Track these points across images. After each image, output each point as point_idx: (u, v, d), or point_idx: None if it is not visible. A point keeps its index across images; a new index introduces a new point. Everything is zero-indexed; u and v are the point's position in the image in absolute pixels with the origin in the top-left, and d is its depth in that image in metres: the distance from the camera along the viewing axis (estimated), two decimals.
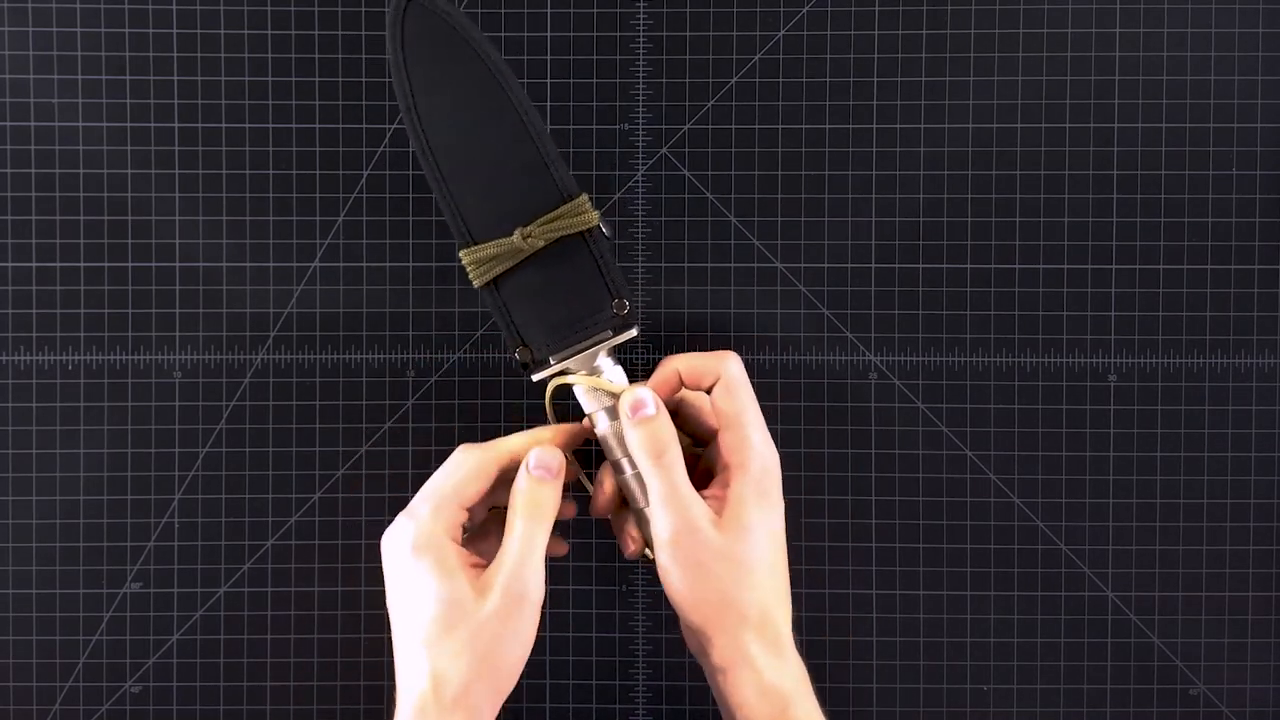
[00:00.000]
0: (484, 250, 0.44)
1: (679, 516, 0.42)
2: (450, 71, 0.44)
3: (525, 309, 0.45)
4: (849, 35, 0.51)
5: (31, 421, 0.51)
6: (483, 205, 0.44)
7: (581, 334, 0.45)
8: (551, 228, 0.44)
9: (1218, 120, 0.51)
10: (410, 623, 0.42)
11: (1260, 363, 0.51)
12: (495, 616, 0.41)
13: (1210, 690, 0.51)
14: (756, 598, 0.43)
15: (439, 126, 0.44)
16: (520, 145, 0.44)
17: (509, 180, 0.44)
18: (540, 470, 0.44)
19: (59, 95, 0.51)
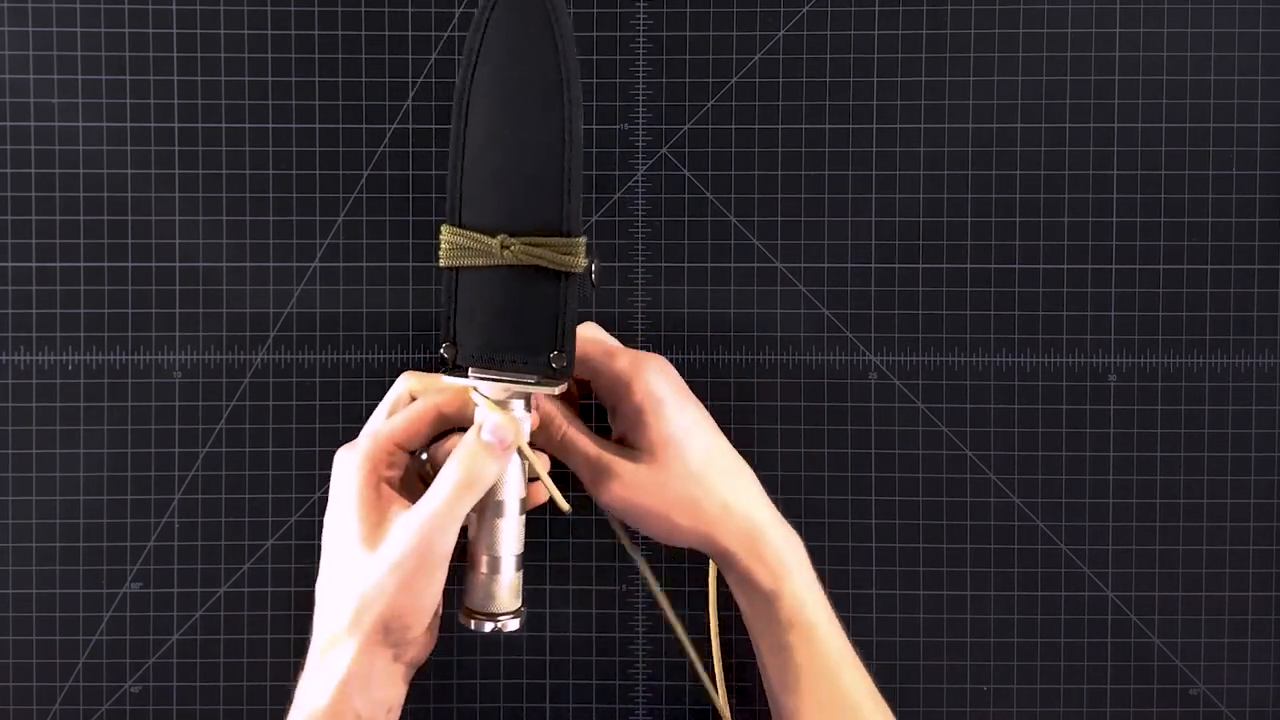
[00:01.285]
0: (461, 237, 0.42)
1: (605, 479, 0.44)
2: (524, 56, 0.41)
3: (471, 314, 0.43)
4: (849, 35, 0.51)
5: (31, 421, 0.51)
6: (485, 193, 0.42)
7: (509, 365, 0.43)
8: (534, 253, 0.41)
9: (1218, 120, 0.51)
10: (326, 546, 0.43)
11: (1260, 363, 0.51)
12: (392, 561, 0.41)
13: (1210, 690, 0.51)
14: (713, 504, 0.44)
15: (485, 100, 0.42)
16: (550, 160, 0.41)
17: (522, 182, 0.42)
18: (491, 438, 0.42)
19: (59, 95, 0.51)
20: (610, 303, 0.51)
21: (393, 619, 0.41)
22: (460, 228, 0.42)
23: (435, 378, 0.46)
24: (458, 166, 0.42)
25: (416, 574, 0.41)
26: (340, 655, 0.41)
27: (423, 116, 0.51)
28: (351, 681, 0.41)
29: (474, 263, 0.42)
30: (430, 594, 0.42)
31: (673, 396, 0.45)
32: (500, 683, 0.52)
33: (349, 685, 0.41)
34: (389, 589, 0.41)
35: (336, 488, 0.44)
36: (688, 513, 0.44)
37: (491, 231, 0.42)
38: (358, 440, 0.45)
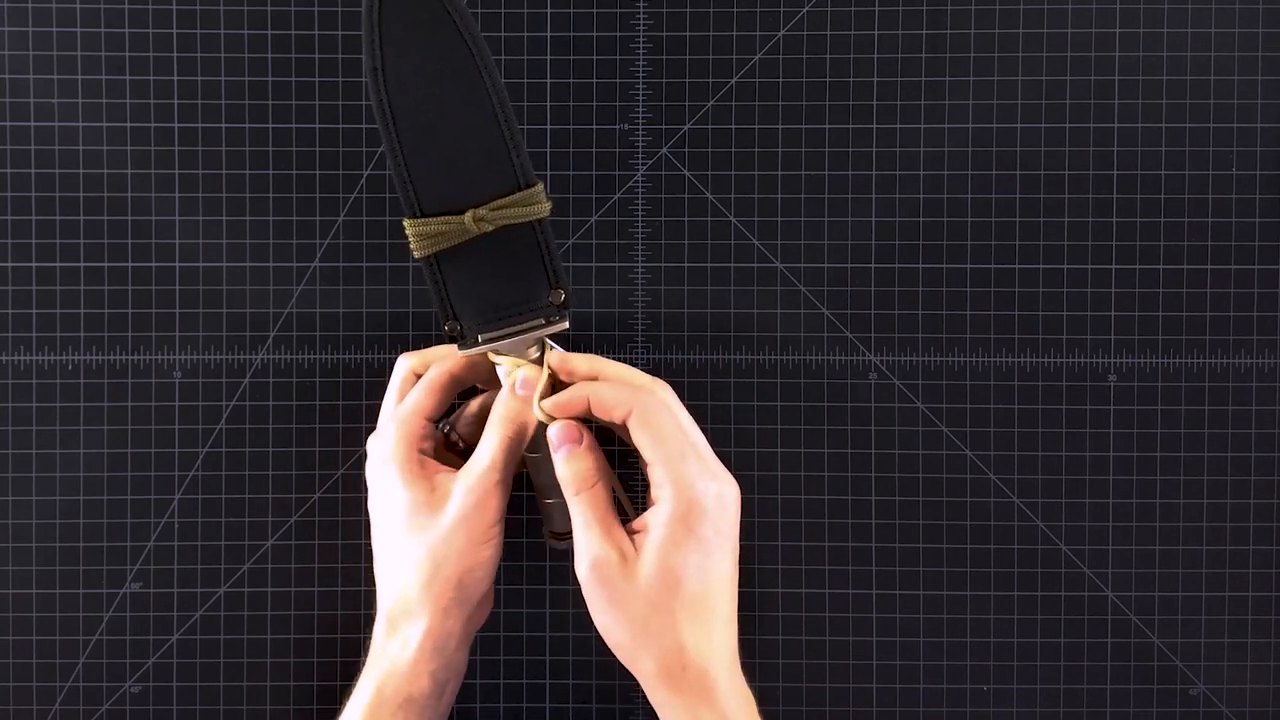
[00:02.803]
0: (431, 225, 0.43)
1: (594, 552, 0.42)
2: (425, 37, 0.42)
3: (462, 286, 0.44)
4: (849, 35, 0.51)
5: (31, 421, 0.51)
6: (436, 178, 0.43)
7: (514, 318, 0.44)
8: (504, 214, 0.43)
9: (1218, 120, 0.51)
10: (380, 529, 0.45)
11: (1260, 363, 0.51)
12: (453, 523, 0.43)
13: (1210, 690, 0.51)
14: (670, 642, 0.41)
15: (404, 91, 0.42)
16: (485, 124, 0.43)
17: (468, 158, 0.43)
18: (524, 390, 0.45)
19: (59, 95, 0.51)
20: (610, 303, 0.51)
21: (465, 574, 0.43)
22: (424, 217, 0.43)
23: (431, 350, 0.48)
24: (400, 164, 0.43)
25: (482, 527, 0.43)
26: (416, 620, 0.43)
27: None
28: (427, 643, 0.43)
29: (450, 244, 0.43)
30: (495, 546, 0.44)
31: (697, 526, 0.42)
32: (500, 683, 0.52)
33: (425, 647, 0.43)
34: (459, 546, 0.43)
35: (379, 472, 0.45)
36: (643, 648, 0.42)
37: (457, 210, 0.43)
38: (383, 427, 0.46)
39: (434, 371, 0.46)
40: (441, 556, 0.43)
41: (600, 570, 0.42)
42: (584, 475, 0.43)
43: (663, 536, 0.41)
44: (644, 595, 0.41)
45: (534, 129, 0.51)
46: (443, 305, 0.45)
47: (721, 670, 0.42)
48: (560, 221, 0.51)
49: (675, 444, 0.42)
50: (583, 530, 0.43)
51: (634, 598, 0.41)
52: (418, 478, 0.44)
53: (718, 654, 0.42)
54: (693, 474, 0.42)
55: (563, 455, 0.44)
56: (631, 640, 0.42)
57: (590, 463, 0.44)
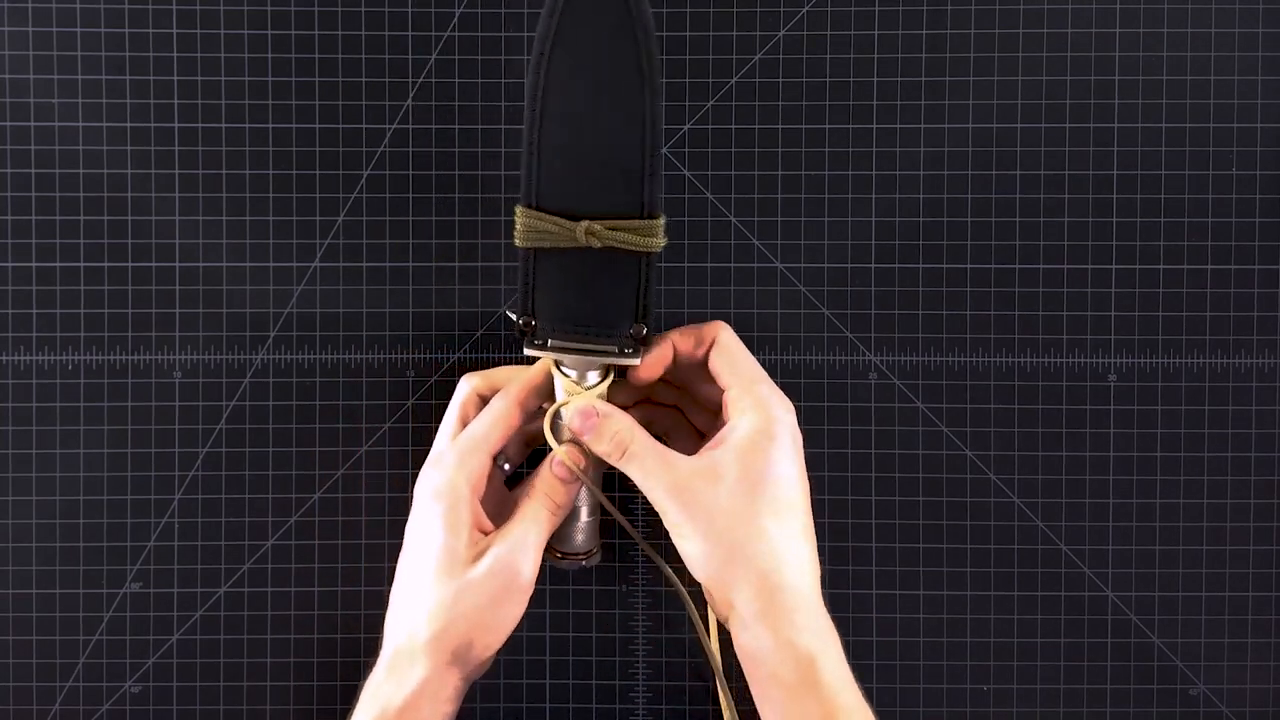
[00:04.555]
0: (543, 220, 0.42)
1: (669, 482, 0.42)
2: (602, 38, 0.41)
3: (551, 288, 0.44)
4: (849, 35, 0.51)
5: (31, 421, 0.51)
6: (563, 177, 0.42)
7: (591, 337, 0.44)
8: (617, 237, 0.42)
9: (1218, 120, 0.51)
10: (410, 564, 0.44)
11: (1260, 363, 0.51)
12: (480, 585, 0.42)
13: (1210, 690, 0.51)
14: (767, 551, 0.41)
15: (562, 82, 0.41)
16: (631, 142, 0.42)
17: (602, 168, 0.42)
18: (562, 470, 0.45)
19: (59, 95, 0.51)
20: None
21: (480, 636, 0.43)
22: (538, 210, 0.42)
23: (496, 371, 0.47)
24: (532, 151, 0.42)
25: (509, 595, 0.43)
26: (417, 666, 0.42)
27: (423, 116, 0.51)
28: (424, 691, 0.42)
29: (552, 244, 0.43)
30: (512, 619, 0.43)
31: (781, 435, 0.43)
32: (500, 683, 0.52)
33: (421, 694, 0.42)
34: (480, 606, 0.42)
35: (428, 505, 0.44)
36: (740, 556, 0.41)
37: (572, 215, 0.42)
38: (442, 456, 0.45)
39: (501, 403, 0.45)
40: (459, 612, 0.42)
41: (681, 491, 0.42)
42: (621, 435, 0.43)
43: (744, 445, 0.42)
44: (729, 504, 0.42)
45: None
46: (525, 299, 0.44)
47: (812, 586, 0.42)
48: None
49: (753, 369, 0.45)
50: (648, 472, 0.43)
51: (719, 509, 0.42)
52: (463, 525, 0.43)
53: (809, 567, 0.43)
54: (768, 394, 0.44)
55: (592, 432, 0.44)
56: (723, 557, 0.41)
57: (623, 421, 0.44)
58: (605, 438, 0.44)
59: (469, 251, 0.51)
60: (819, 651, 0.41)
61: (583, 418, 0.44)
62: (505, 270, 0.51)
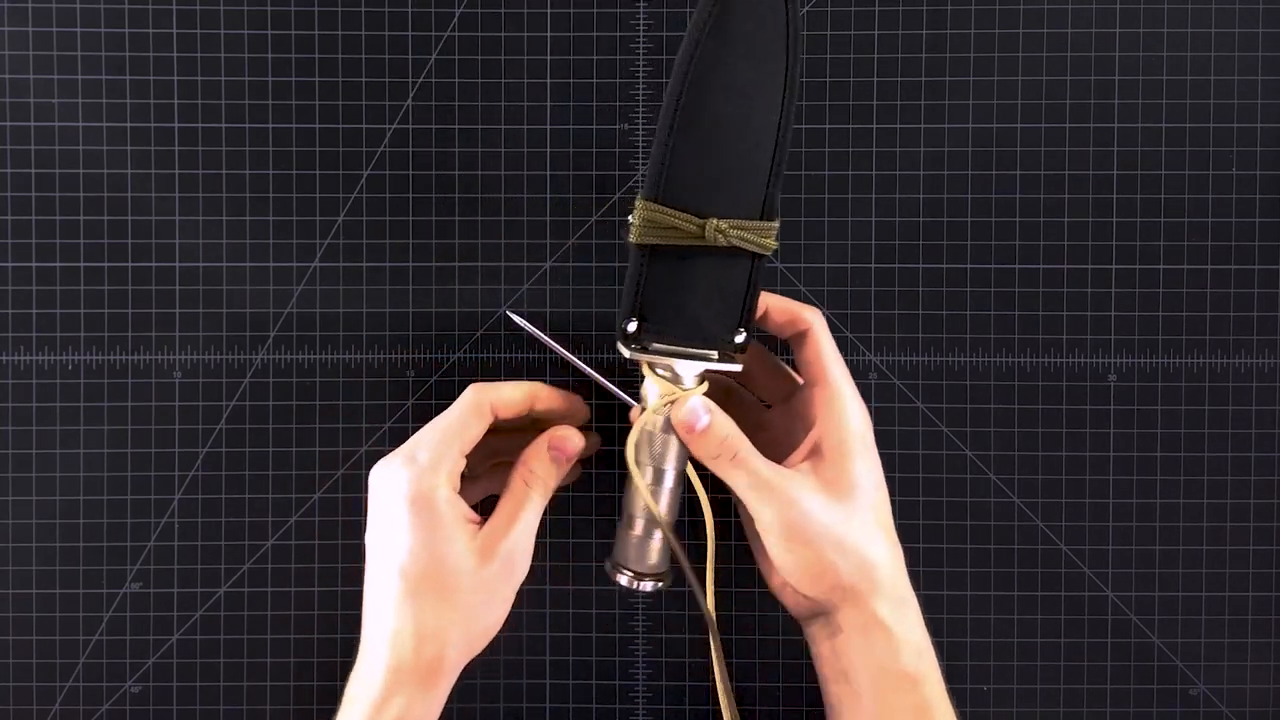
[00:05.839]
0: (668, 215, 0.41)
1: (781, 501, 0.42)
2: (752, 40, 0.41)
3: (661, 289, 0.43)
4: (849, 35, 0.51)
5: (31, 421, 0.51)
6: (692, 173, 0.41)
7: (693, 342, 0.43)
8: (742, 236, 0.42)
9: (1218, 120, 0.51)
10: (396, 574, 0.42)
11: (1260, 363, 0.51)
12: (490, 582, 0.42)
13: (1210, 690, 0.51)
14: (879, 556, 0.42)
15: (705, 76, 0.41)
16: (763, 145, 0.41)
17: (732, 168, 0.42)
18: (557, 452, 0.44)
19: (59, 95, 0.51)
20: (611, 303, 0.51)
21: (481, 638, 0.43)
22: (661, 205, 0.42)
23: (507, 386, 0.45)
24: (664, 144, 0.41)
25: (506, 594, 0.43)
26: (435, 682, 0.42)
27: (423, 116, 0.51)
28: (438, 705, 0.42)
29: (672, 241, 0.42)
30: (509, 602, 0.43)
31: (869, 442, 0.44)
32: (500, 683, 0.52)
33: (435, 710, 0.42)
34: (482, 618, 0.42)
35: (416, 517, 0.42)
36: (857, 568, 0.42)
37: (696, 212, 0.41)
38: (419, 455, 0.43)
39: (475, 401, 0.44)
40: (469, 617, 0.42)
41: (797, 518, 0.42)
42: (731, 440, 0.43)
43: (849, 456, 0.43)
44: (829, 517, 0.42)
45: (534, 129, 0.51)
46: (633, 300, 0.43)
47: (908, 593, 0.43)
48: (560, 221, 0.51)
49: (842, 370, 0.45)
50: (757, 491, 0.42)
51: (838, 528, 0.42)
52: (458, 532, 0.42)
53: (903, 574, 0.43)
54: (854, 401, 0.44)
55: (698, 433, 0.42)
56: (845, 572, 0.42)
57: (731, 426, 0.43)
58: (714, 440, 0.42)
59: (469, 251, 0.51)
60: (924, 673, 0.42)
61: (693, 416, 0.43)
62: (505, 270, 0.51)
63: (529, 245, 0.51)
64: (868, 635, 0.42)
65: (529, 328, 0.49)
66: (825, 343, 0.45)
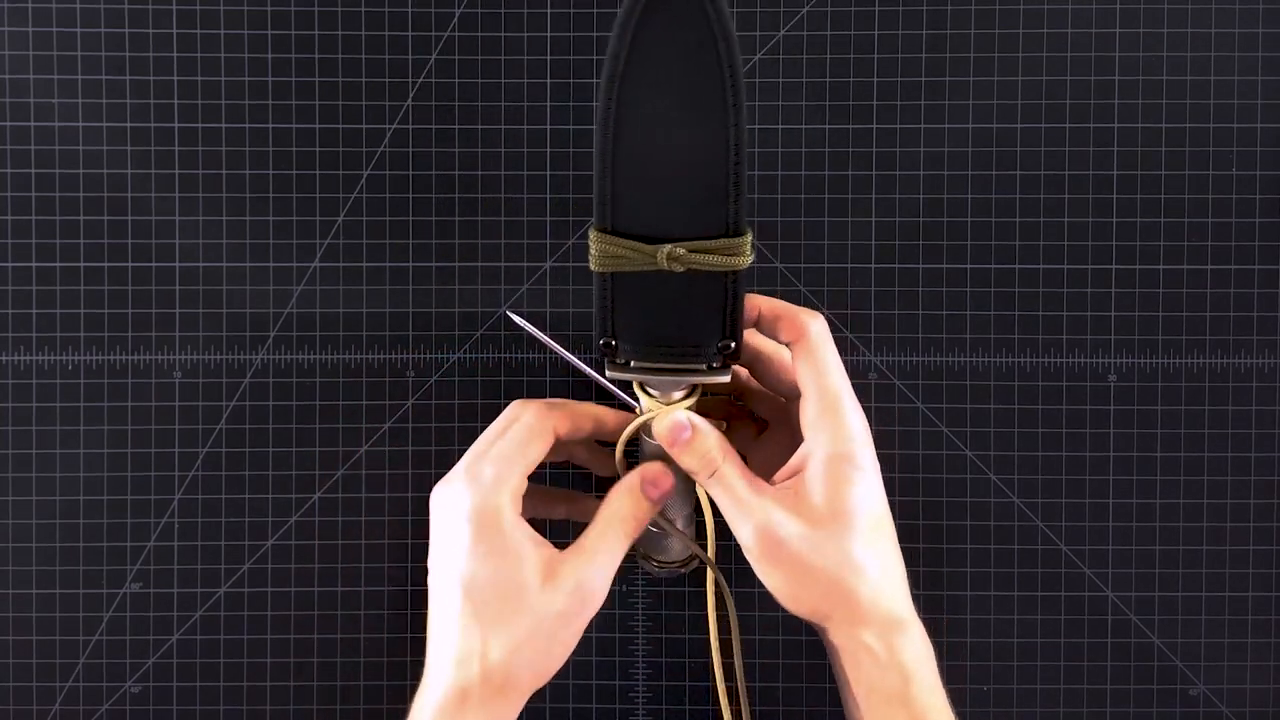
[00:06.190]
0: (618, 246, 0.39)
1: (756, 522, 0.41)
2: (680, 56, 0.37)
3: (631, 310, 0.41)
4: (849, 35, 0.51)
5: (31, 421, 0.51)
6: (640, 199, 0.39)
7: (677, 358, 0.42)
8: (700, 260, 0.39)
9: (1218, 120, 0.51)
10: (459, 593, 0.40)
11: (1260, 363, 0.51)
12: (561, 612, 0.40)
13: (1210, 690, 0.51)
14: (862, 581, 0.40)
15: (636, 99, 0.38)
16: (714, 160, 0.39)
17: (682, 189, 0.39)
18: (652, 489, 0.43)
19: (59, 95, 0.51)
20: None
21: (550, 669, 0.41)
22: (614, 234, 0.40)
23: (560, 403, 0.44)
24: (605, 173, 0.39)
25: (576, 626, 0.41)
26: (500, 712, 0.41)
27: (423, 116, 0.51)
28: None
29: (631, 269, 0.40)
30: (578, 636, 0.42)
31: (864, 460, 0.42)
32: None
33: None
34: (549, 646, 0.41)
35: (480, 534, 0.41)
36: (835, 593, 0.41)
37: (651, 239, 0.39)
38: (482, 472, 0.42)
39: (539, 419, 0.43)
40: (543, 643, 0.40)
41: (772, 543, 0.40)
42: (712, 454, 0.42)
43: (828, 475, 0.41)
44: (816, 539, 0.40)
45: (534, 129, 0.51)
46: (604, 323, 0.42)
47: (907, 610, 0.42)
48: (560, 222, 0.51)
49: (838, 380, 0.42)
50: (736, 510, 0.41)
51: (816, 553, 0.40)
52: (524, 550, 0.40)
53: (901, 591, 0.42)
54: (850, 414, 0.42)
55: (681, 446, 0.42)
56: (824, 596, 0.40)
57: (713, 440, 0.42)
58: (696, 453, 0.42)
59: (469, 251, 0.51)
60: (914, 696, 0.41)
61: (675, 431, 0.42)
62: (505, 270, 0.51)
63: (529, 245, 0.51)
64: (853, 656, 0.41)
65: (529, 328, 0.49)
66: (822, 351, 0.42)
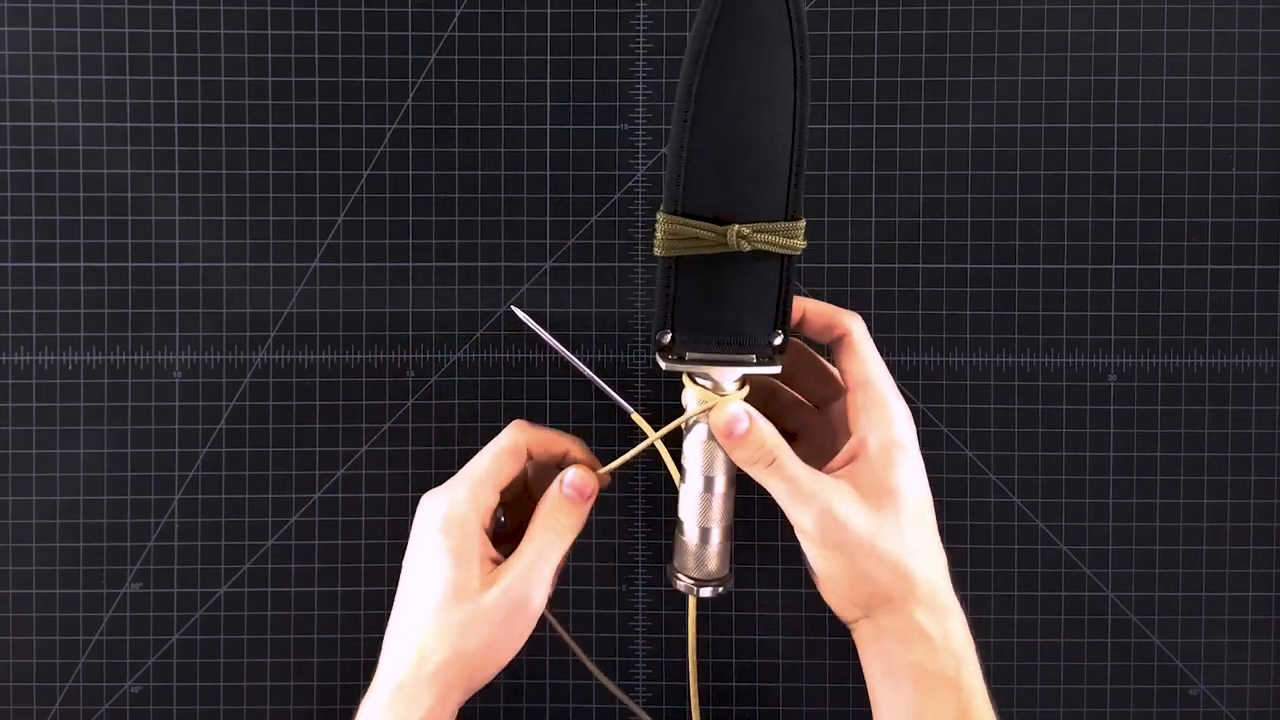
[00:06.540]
0: (690, 227, 0.41)
1: (818, 508, 0.41)
2: (759, 41, 0.40)
3: (692, 299, 0.43)
4: (849, 35, 0.51)
5: (31, 421, 0.51)
6: (711, 183, 0.41)
7: (729, 348, 0.43)
8: (766, 240, 0.41)
9: (1218, 120, 0.51)
10: (415, 594, 0.43)
11: (1260, 363, 0.51)
12: (492, 612, 0.42)
13: (1210, 690, 0.51)
14: (919, 564, 0.42)
15: (716, 84, 0.40)
16: (780, 146, 0.41)
17: (750, 174, 0.41)
18: (572, 491, 0.44)
19: (59, 95, 0.51)
20: (611, 303, 0.51)
21: (481, 667, 0.43)
22: (684, 216, 0.42)
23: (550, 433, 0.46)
24: (679, 155, 0.41)
25: (509, 630, 0.43)
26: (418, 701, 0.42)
27: (423, 116, 0.51)
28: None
29: (697, 251, 0.42)
30: (516, 646, 0.43)
31: (912, 446, 0.43)
32: (500, 683, 0.52)
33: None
34: (478, 647, 0.42)
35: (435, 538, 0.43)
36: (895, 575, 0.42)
37: (719, 220, 0.41)
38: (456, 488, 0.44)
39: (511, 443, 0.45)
40: (466, 643, 0.42)
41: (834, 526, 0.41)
42: (769, 446, 0.42)
43: (879, 462, 0.42)
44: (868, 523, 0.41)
45: (534, 129, 0.51)
46: (665, 313, 0.43)
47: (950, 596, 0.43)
48: (560, 222, 0.51)
49: (883, 375, 0.44)
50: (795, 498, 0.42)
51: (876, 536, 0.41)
52: (473, 557, 0.43)
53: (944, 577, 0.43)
54: (896, 405, 0.44)
55: (737, 438, 0.42)
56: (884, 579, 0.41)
57: (769, 431, 0.42)
58: (753, 446, 0.42)
59: (469, 251, 0.51)
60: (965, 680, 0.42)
61: (733, 422, 0.42)
62: (505, 270, 0.51)
63: (529, 245, 0.51)
64: (907, 641, 0.42)
65: (533, 325, 0.49)
66: (865, 347, 0.44)
